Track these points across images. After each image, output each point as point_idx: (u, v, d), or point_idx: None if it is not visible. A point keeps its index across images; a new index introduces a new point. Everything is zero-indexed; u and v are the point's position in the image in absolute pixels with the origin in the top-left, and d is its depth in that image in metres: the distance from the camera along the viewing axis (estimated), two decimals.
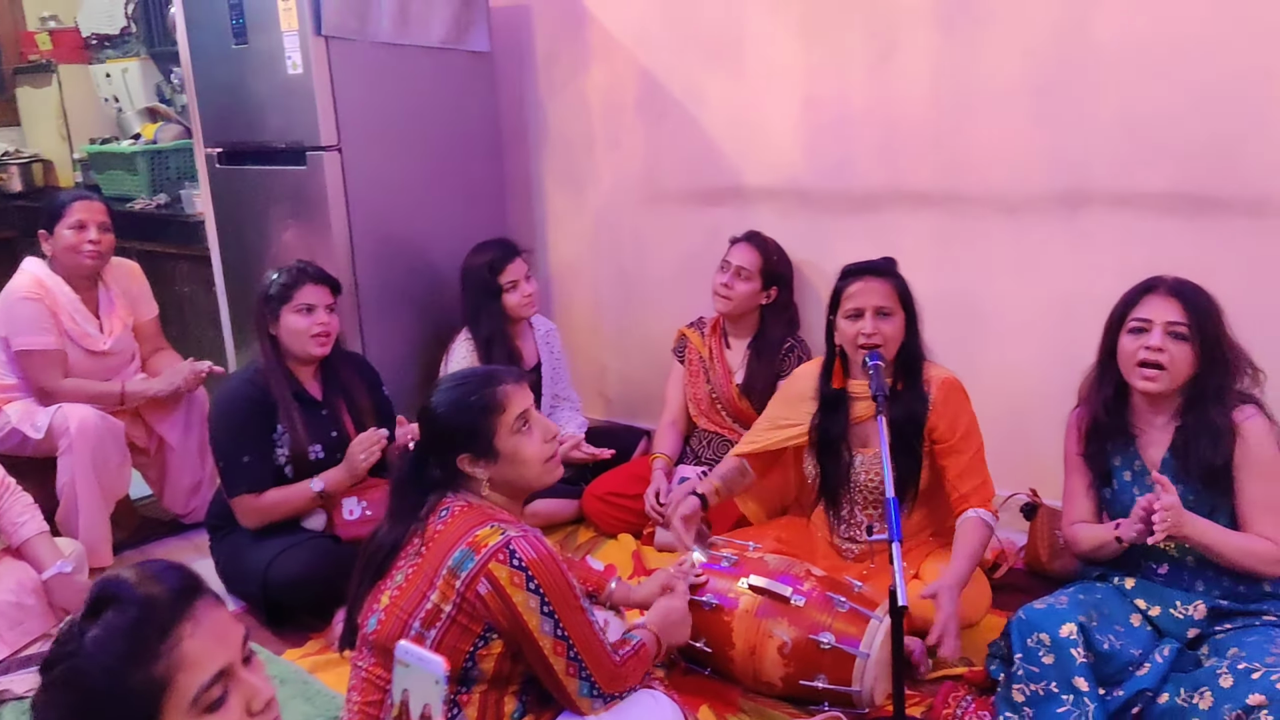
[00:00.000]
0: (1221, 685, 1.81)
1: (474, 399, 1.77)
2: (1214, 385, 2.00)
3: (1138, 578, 2.12)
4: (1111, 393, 2.11)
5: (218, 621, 1.05)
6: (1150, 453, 2.10)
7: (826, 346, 2.44)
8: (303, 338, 2.61)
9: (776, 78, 3.13)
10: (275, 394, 2.61)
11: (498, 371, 1.85)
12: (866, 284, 2.31)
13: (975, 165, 2.82)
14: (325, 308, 2.64)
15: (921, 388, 2.35)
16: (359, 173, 3.16)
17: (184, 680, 0.99)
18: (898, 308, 2.31)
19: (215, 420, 2.69)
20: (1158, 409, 2.08)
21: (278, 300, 2.62)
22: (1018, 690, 2.01)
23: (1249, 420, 2.00)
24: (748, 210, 3.25)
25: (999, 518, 2.42)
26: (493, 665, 1.69)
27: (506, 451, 1.77)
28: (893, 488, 2.00)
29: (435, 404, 1.80)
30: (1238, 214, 2.48)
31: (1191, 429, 2.02)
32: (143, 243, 4.39)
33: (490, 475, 1.78)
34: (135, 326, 3.23)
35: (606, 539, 3.04)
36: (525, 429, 1.79)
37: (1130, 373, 2.03)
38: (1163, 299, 2.01)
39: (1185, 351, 1.98)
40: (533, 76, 3.70)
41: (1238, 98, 2.42)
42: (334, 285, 2.70)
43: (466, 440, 1.76)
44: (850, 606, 2.11)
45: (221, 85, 3.30)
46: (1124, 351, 2.05)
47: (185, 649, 1.00)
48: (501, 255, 3.14)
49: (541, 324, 3.39)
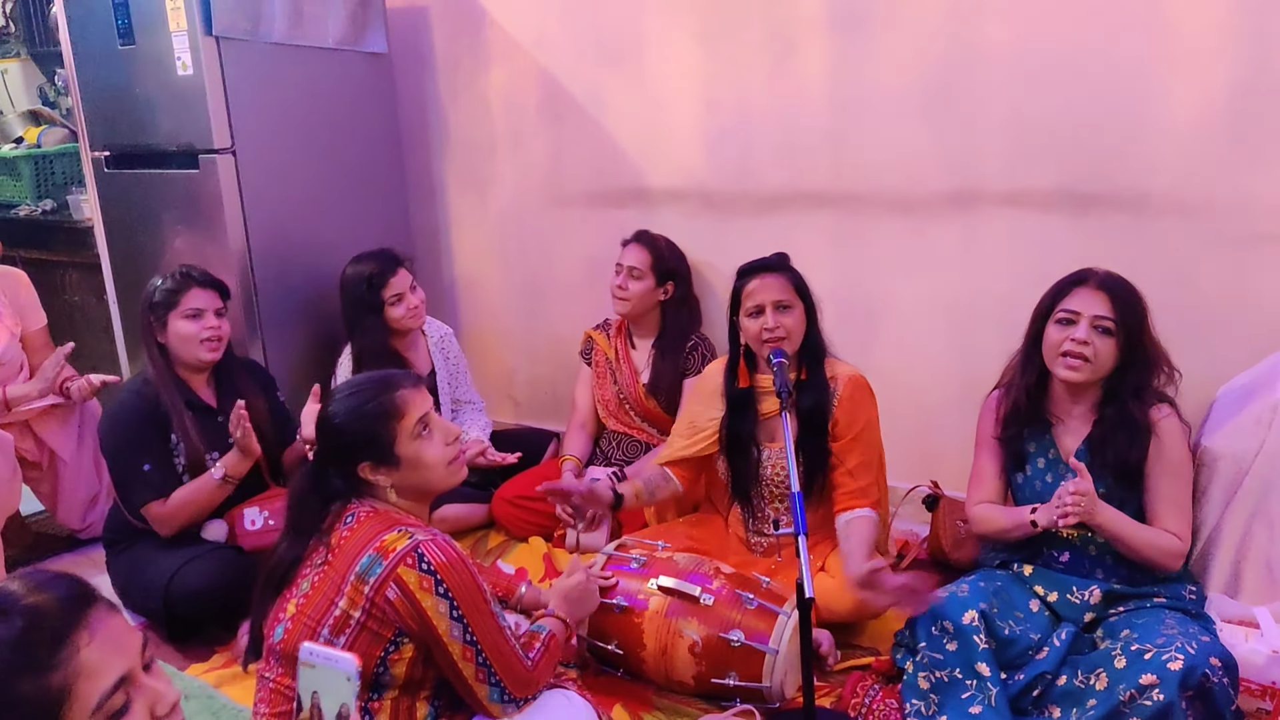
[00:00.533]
0: (1116, 666, 1.89)
1: (371, 406, 1.74)
2: (1134, 381, 2.07)
3: (1037, 565, 2.19)
4: (1034, 380, 2.17)
5: (114, 628, 1.03)
6: (1066, 441, 2.17)
7: (730, 347, 2.47)
8: (192, 344, 2.55)
9: (677, 80, 3.15)
10: (167, 403, 2.54)
11: (394, 376, 1.82)
12: (763, 281, 2.35)
13: (871, 166, 2.89)
14: (214, 312, 2.58)
15: (824, 377, 2.39)
16: (254, 176, 3.08)
17: (84, 689, 0.98)
18: (796, 300, 2.35)
19: (107, 433, 2.60)
20: (1077, 399, 2.15)
21: (163, 307, 2.55)
22: (923, 677, 2.07)
23: (1164, 419, 2.07)
24: (652, 212, 3.27)
25: (893, 514, 2.48)
26: (404, 670, 1.67)
27: (408, 457, 1.75)
28: (798, 482, 2.03)
29: (333, 413, 1.77)
30: (1119, 211, 2.58)
31: (1110, 423, 2.09)
32: (29, 250, 4.21)
33: (393, 482, 1.76)
34: (23, 337, 3.10)
35: (517, 543, 3.03)
36: (425, 433, 1.77)
37: (1054, 362, 2.10)
38: (1092, 292, 2.07)
39: (1109, 346, 2.05)
40: (432, 78, 3.66)
41: (1119, 100, 2.52)
42: (222, 289, 2.63)
43: (366, 448, 1.74)
44: (759, 603, 2.14)
45: (108, 87, 3.18)
46: (1049, 341, 2.10)
47: (83, 658, 0.98)
48: (380, 269, 3.00)
49: (435, 329, 3.30)
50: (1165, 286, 2.52)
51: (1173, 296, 2.52)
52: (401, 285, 3.04)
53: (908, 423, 2.88)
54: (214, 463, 2.57)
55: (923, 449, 2.93)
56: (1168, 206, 2.52)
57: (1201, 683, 1.77)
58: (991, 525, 2.22)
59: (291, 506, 1.81)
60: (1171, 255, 2.53)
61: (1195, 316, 2.50)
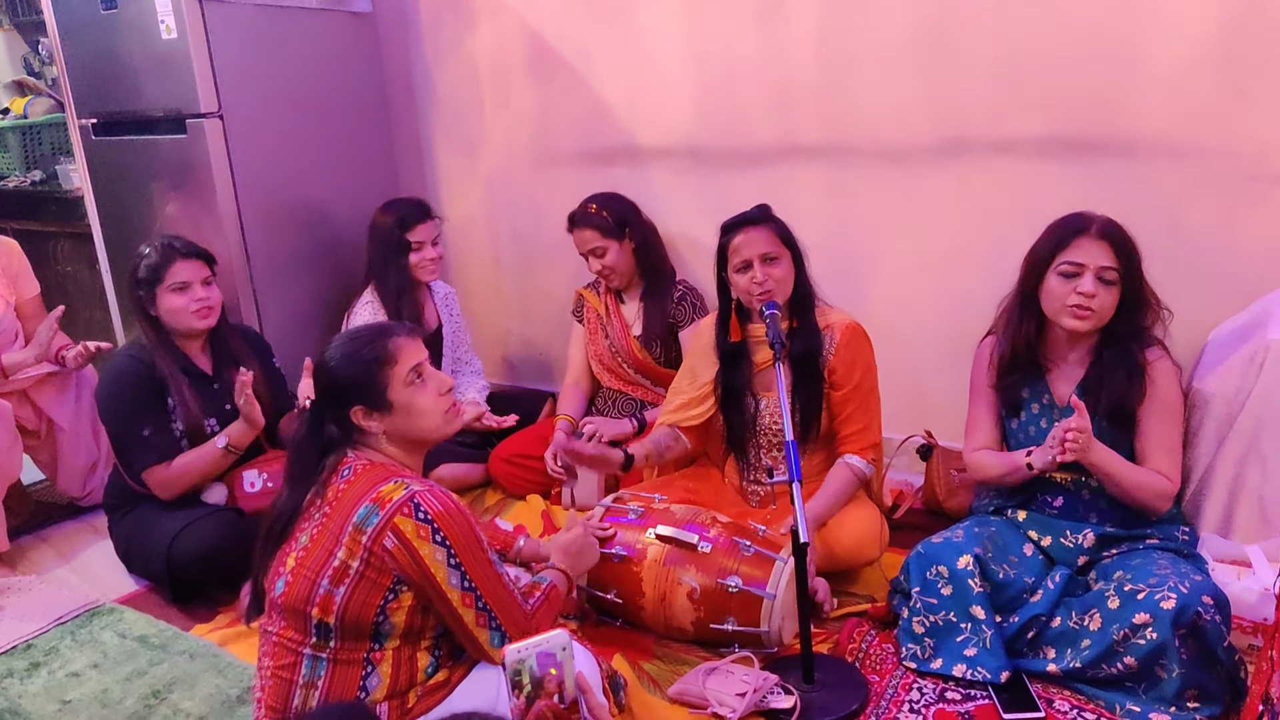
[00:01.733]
0: (1109, 607, 1.92)
1: (365, 351, 1.76)
2: (1132, 325, 2.08)
3: (1030, 510, 2.21)
4: (1034, 327, 2.16)
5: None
6: (1060, 387, 2.17)
7: (720, 303, 2.47)
8: (183, 315, 2.54)
9: (665, 36, 3.13)
10: (163, 370, 2.54)
11: (390, 325, 1.85)
12: (748, 235, 2.34)
13: (860, 117, 2.88)
14: (201, 282, 2.55)
15: (815, 323, 2.40)
16: (243, 139, 3.07)
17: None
18: (783, 250, 2.35)
19: (105, 399, 2.60)
20: (1074, 345, 2.15)
21: (149, 283, 2.53)
22: (918, 622, 2.09)
23: (1157, 361, 2.08)
24: (641, 169, 3.26)
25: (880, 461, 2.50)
26: (404, 619, 1.69)
27: (400, 403, 1.76)
28: (791, 430, 2.05)
29: (328, 358, 1.79)
30: (1110, 156, 2.57)
31: (1109, 366, 2.09)
32: (20, 222, 4.21)
33: (385, 428, 1.77)
34: (17, 305, 3.09)
35: (515, 500, 3.05)
36: (419, 381, 1.79)
37: (1059, 313, 2.08)
38: (1094, 242, 2.04)
39: (1113, 295, 2.04)
40: (418, 37, 3.63)
41: (1108, 43, 2.51)
42: (206, 257, 2.60)
43: (359, 393, 1.75)
44: (755, 550, 2.16)
45: (92, 53, 3.16)
46: (1052, 292, 2.08)
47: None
48: (414, 212, 3.09)
49: (439, 288, 3.35)
50: (1157, 230, 2.52)
51: (1164, 240, 2.51)
52: (427, 234, 3.10)
53: (901, 373, 2.89)
54: (211, 429, 2.58)
55: (916, 399, 2.94)
56: (1158, 150, 2.51)
57: (1194, 621, 1.79)
58: (988, 471, 2.23)
59: (291, 456, 1.83)
60: (1163, 199, 2.52)
61: (1187, 260, 2.50)
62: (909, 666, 2.08)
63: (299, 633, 1.69)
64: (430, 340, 3.24)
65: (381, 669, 1.69)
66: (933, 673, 2.05)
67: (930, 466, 2.78)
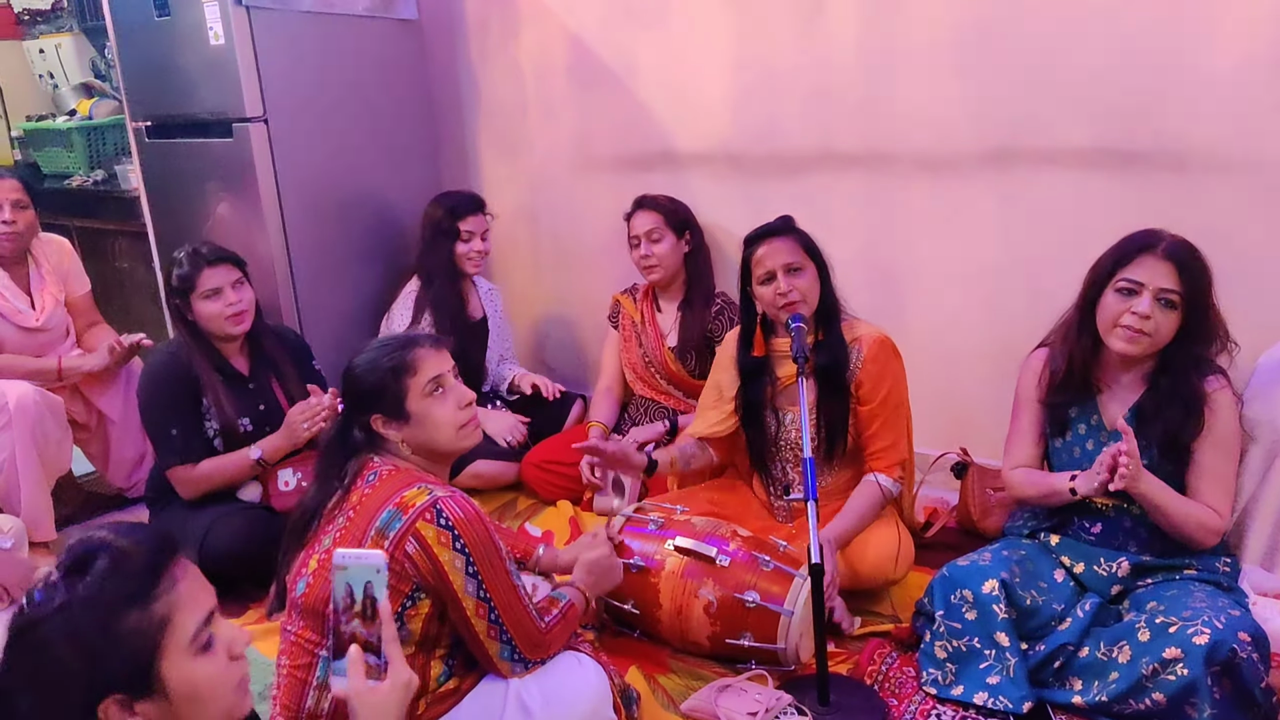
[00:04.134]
0: (1139, 639, 1.84)
1: (386, 360, 1.78)
2: (1194, 354, 1.96)
3: (1065, 535, 2.13)
4: (1090, 346, 2.05)
5: (195, 570, 1.15)
6: (1111, 409, 2.07)
7: (742, 317, 2.45)
8: (218, 320, 2.58)
9: (704, 41, 3.11)
10: (198, 369, 2.59)
11: (417, 335, 1.87)
12: (771, 246, 2.31)
13: (901, 125, 2.82)
14: (231, 286, 2.58)
15: (840, 336, 2.35)
16: (287, 143, 3.12)
17: (181, 620, 1.08)
18: (807, 261, 2.31)
19: (141, 395, 2.67)
20: (1128, 368, 2.05)
21: (182, 291, 2.57)
22: (940, 646, 2.04)
23: (1217, 392, 1.97)
24: (679, 175, 3.24)
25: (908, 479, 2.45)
26: (420, 626, 1.69)
27: (417, 414, 1.77)
28: (809, 447, 2.02)
29: (354, 364, 1.82)
30: (1160, 168, 2.48)
31: (1165, 394, 1.98)
32: (82, 220, 4.34)
33: (404, 437, 1.78)
34: (68, 302, 3.19)
35: (545, 506, 3.05)
36: (438, 393, 1.79)
37: (1109, 332, 1.98)
38: (1157, 261, 1.93)
39: (1172, 319, 1.92)
40: (463, 43, 3.65)
41: (1159, 52, 2.42)
42: (234, 260, 2.63)
43: (378, 401, 1.77)
44: (775, 565, 2.13)
45: (146, 58, 3.24)
46: (1108, 310, 1.98)
47: (180, 590, 1.09)
48: (467, 203, 3.19)
49: (483, 284, 3.41)
50: (1208, 247, 2.40)
51: (1215, 258, 2.39)
52: (475, 225, 3.19)
53: (938, 388, 2.83)
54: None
55: (952, 415, 2.87)
56: (1210, 163, 2.42)
57: (1229, 658, 1.71)
58: (1026, 491, 2.15)
59: (322, 455, 1.86)
60: (1213, 214, 2.42)
61: (1237, 278, 2.38)
62: (929, 692, 2.03)
63: (316, 634, 1.70)
64: (476, 329, 3.29)
65: None
66: (953, 699, 1.99)
67: (965, 485, 2.71)
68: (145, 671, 1.07)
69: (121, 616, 1.05)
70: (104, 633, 1.04)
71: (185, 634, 1.08)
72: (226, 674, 1.15)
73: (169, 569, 1.10)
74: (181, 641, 1.08)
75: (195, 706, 1.12)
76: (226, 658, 1.14)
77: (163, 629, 1.07)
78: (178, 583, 1.09)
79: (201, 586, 1.14)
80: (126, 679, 1.07)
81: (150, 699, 1.09)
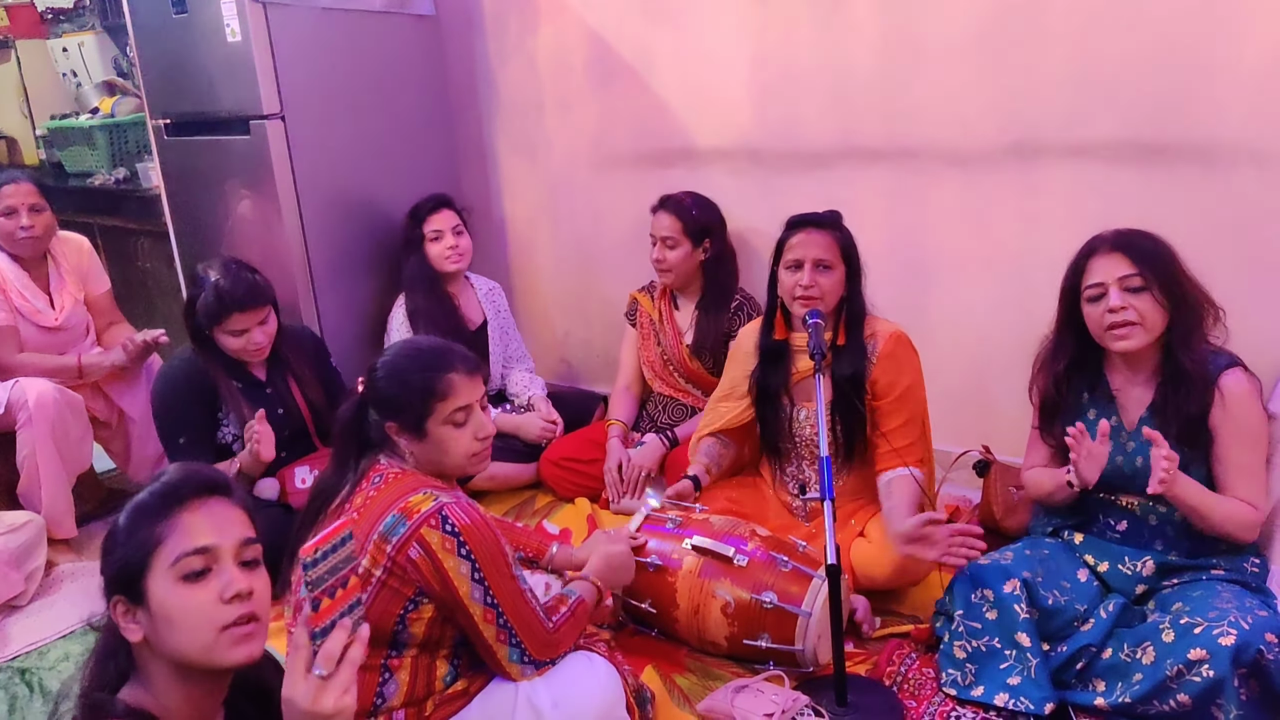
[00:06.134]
0: (1164, 640, 1.81)
1: (419, 378, 1.75)
2: (1184, 329, 1.95)
3: (1089, 534, 2.10)
4: (1062, 368, 2.07)
5: (223, 514, 1.23)
6: (1130, 411, 2.05)
7: (768, 298, 2.42)
8: (238, 353, 2.58)
9: (724, 36, 3.08)
10: (215, 378, 2.59)
11: (454, 355, 1.80)
12: (809, 236, 2.29)
13: (924, 119, 2.78)
14: (259, 324, 2.56)
15: (863, 342, 2.32)
16: (305, 140, 3.12)
17: (171, 543, 1.18)
18: (839, 262, 2.28)
19: (155, 400, 2.67)
20: (1136, 368, 2.03)
21: (208, 322, 2.55)
22: (960, 647, 2.01)
23: (1230, 377, 1.94)
24: (699, 171, 3.22)
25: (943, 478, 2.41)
26: (423, 629, 1.69)
27: (433, 437, 1.75)
28: (827, 446, 2.00)
29: (385, 365, 1.79)
30: (1187, 162, 2.44)
31: (1171, 380, 1.97)
32: (105, 218, 4.35)
33: (414, 450, 1.77)
34: (88, 301, 3.21)
35: (564, 503, 3.04)
36: (461, 423, 1.77)
37: (1103, 339, 1.98)
38: (1107, 257, 1.96)
39: (1148, 302, 1.92)
40: (481, 39, 3.64)
41: (1186, 45, 2.38)
42: (266, 300, 2.59)
43: (400, 412, 1.75)
44: (793, 566, 2.10)
45: (165, 55, 3.25)
46: (1091, 321, 2.00)
47: (181, 519, 1.20)
48: (426, 204, 3.14)
49: (482, 283, 3.36)
50: (1237, 241, 2.40)
51: (1247, 251, 2.40)
52: (443, 223, 3.13)
53: (961, 385, 2.79)
54: None
55: (976, 412, 2.84)
56: (1240, 155, 2.37)
57: (1256, 660, 1.68)
58: (1041, 489, 2.14)
59: (339, 436, 1.83)
60: (1243, 207, 2.38)
61: (1268, 272, 2.36)
62: (949, 693, 2.01)
63: None
64: (474, 337, 3.25)
65: (399, 676, 1.69)
66: (973, 701, 1.97)
67: (988, 483, 2.67)
68: (136, 580, 1.18)
69: (138, 525, 1.20)
70: (126, 534, 1.20)
71: (169, 556, 1.18)
72: (208, 611, 1.18)
73: (188, 500, 1.20)
74: (166, 561, 1.18)
75: (170, 630, 1.18)
76: (216, 596, 1.18)
77: (155, 547, 1.18)
78: (183, 514, 1.19)
79: (215, 525, 1.21)
80: (125, 583, 1.19)
81: (141, 609, 1.19)
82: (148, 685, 1.23)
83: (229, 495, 1.26)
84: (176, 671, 1.21)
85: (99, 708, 1.19)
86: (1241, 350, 2.00)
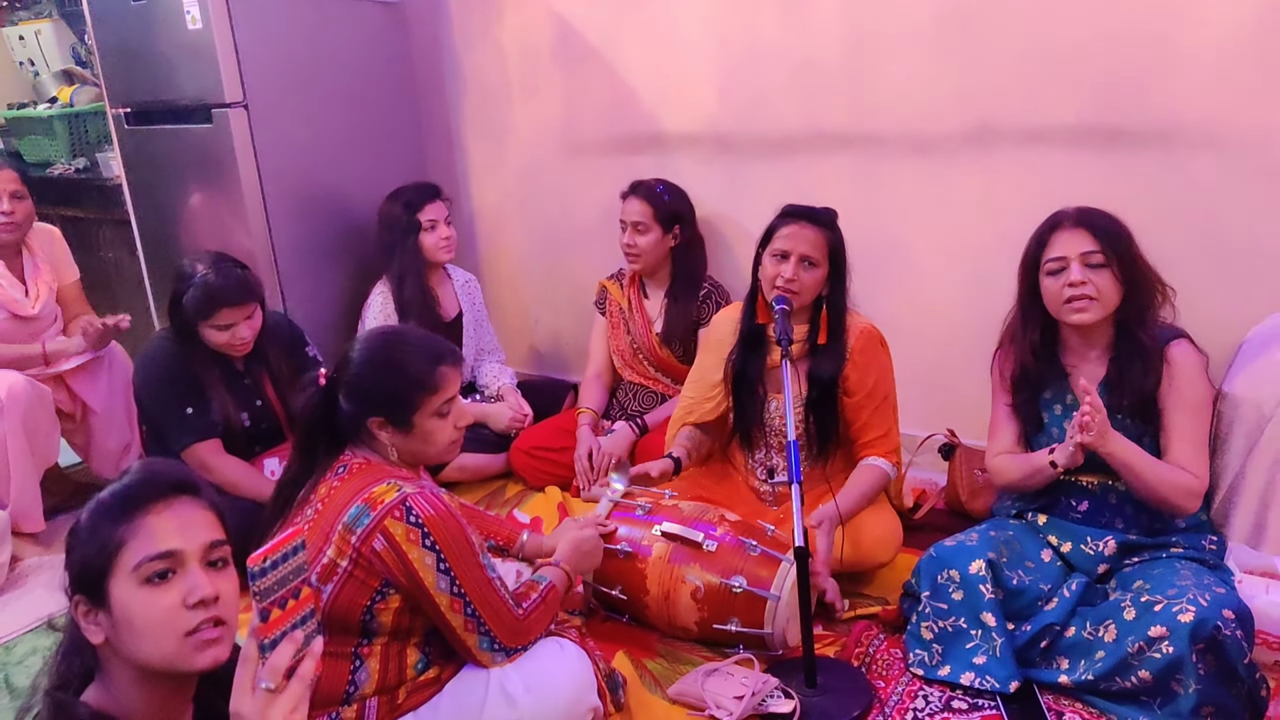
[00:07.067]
0: (1125, 618, 1.85)
1: (411, 370, 1.74)
2: (1137, 306, 2.00)
3: (1052, 515, 2.14)
4: (1038, 336, 2.10)
5: (189, 515, 1.20)
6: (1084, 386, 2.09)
7: (752, 280, 2.41)
8: (224, 348, 2.55)
9: (689, 20, 3.08)
10: (197, 367, 2.55)
11: (442, 347, 1.80)
12: (800, 229, 2.29)
13: (887, 104, 2.80)
14: (246, 319, 2.53)
15: (844, 342, 2.34)
16: (268, 129, 3.09)
17: (135, 546, 1.15)
18: (824, 261, 2.29)
19: (143, 381, 2.62)
20: (1090, 342, 2.07)
21: (194, 316, 2.51)
22: (926, 627, 2.04)
23: (1176, 349, 1.99)
24: (667, 157, 3.22)
25: (902, 465, 2.44)
26: (391, 619, 1.69)
27: (421, 429, 1.75)
28: (794, 430, 2.01)
29: (365, 357, 1.76)
30: (1147, 146, 2.48)
31: (1124, 354, 2.01)
32: (65, 209, 4.28)
33: (397, 444, 1.76)
34: (58, 290, 3.16)
35: (534, 492, 3.04)
36: (445, 414, 1.77)
37: (1061, 311, 2.02)
38: (1070, 232, 2.00)
39: (1107, 278, 1.97)
40: (446, 25, 3.62)
41: (1145, 30, 2.41)
42: (254, 296, 2.56)
43: (386, 406, 1.74)
44: (762, 550, 2.12)
45: (123, 43, 3.20)
46: (1049, 293, 2.03)
47: (146, 523, 1.17)
48: (421, 194, 3.12)
49: (459, 274, 3.35)
50: (1194, 224, 2.44)
51: (1202, 234, 2.43)
52: (437, 213, 3.12)
53: (924, 369, 2.82)
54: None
55: (939, 396, 2.87)
56: (1198, 140, 2.41)
57: (1213, 635, 1.72)
58: (1010, 475, 2.16)
59: (301, 430, 1.80)
60: (1201, 191, 2.42)
61: (1225, 255, 2.40)
62: (916, 673, 2.03)
63: None
64: (450, 328, 3.24)
65: (370, 664, 1.69)
66: (940, 680, 1.99)
67: (953, 466, 2.71)
68: (98, 582, 1.16)
69: (99, 527, 1.16)
70: (88, 534, 1.17)
71: (132, 559, 1.15)
72: (171, 616, 1.15)
73: (154, 502, 1.17)
74: (128, 565, 1.15)
75: (132, 635, 1.15)
76: (179, 601, 1.15)
77: (117, 550, 1.15)
78: (148, 516, 1.16)
79: (180, 528, 1.17)
80: (86, 584, 1.17)
81: (103, 610, 1.16)
82: (110, 686, 1.21)
83: (196, 495, 1.22)
84: (140, 674, 1.19)
85: (62, 710, 1.18)
86: (1195, 331, 2.05)
